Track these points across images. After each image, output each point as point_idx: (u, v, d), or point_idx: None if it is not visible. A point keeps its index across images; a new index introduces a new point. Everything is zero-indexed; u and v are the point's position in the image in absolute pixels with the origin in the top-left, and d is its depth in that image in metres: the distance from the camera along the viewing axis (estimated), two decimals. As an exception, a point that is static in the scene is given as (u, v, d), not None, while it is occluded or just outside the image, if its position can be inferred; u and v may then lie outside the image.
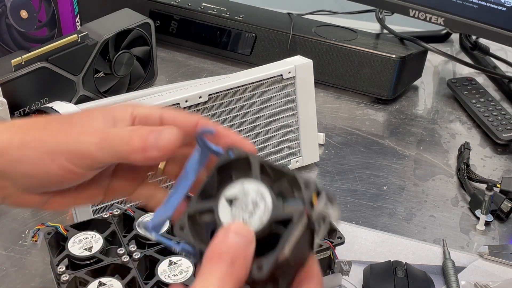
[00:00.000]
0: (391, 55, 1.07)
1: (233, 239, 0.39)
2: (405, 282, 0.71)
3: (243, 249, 0.39)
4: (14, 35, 0.99)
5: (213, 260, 0.38)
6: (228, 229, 0.39)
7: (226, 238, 0.39)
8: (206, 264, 0.39)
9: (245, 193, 0.41)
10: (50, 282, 0.73)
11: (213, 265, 0.38)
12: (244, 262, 0.39)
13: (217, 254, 0.39)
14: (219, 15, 1.16)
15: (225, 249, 0.39)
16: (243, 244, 0.39)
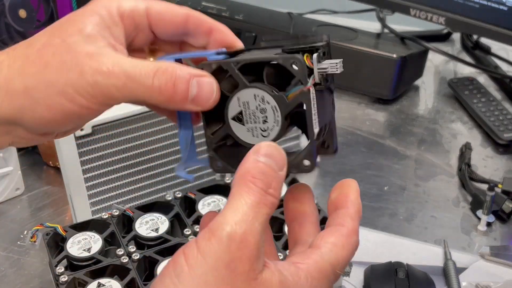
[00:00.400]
0: (392, 54, 1.06)
1: (265, 162, 0.38)
2: (406, 283, 0.70)
3: (276, 174, 0.38)
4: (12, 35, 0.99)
5: (245, 187, 0.37)
6: (258, 150, 0.38)
7: (257, 162, 0.38)
8: (237, 191, 0.37)
9: (246, 104, 0.41)
10: (49, 283, 0.73)
11: (244, 193, 0.37)
12: (278, 188, 0.38)
13: (249, 180, 0.37)
14: (219, 15, 1.16)
15: (257, 174, 0.37)
16: (276, 167, 0.38)
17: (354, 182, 0.43)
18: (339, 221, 0.41)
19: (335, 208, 0.42)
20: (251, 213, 0.36)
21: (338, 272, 0.40)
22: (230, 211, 0.36)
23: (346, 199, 0.42)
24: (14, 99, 0.40)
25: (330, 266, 0.39)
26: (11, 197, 0.85)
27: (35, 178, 0.88)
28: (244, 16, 1.16)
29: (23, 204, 0.84)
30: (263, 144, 0.38)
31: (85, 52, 0.40)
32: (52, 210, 0.83)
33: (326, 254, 0.39)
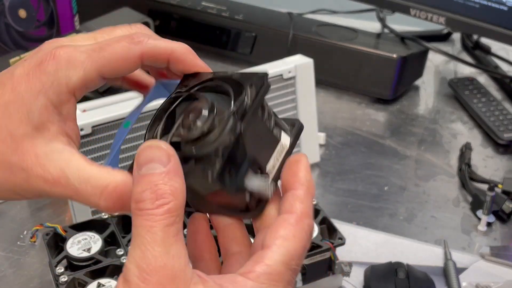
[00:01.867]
0: (392, 54, 1.06)
1: (146, 172, 0.36)
2: (406, 283, 0.70)
3: (161, 175, 0.36)
4: (12, 35, 0.99)
5: (135, 219, 0.35)
6: (137, 160, 0.37)
7: (139, 178, 0.36)
8: (133, 227, 0.35)
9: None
10: (48, 283, 0.73)
11: (137, 226, 0.35)
12: (169, 188, 0.36)
13: (136, 208, 0.35)
14: (219, 15, 1.16)
15: (141, 195, 0.35)
16: (159, 169, 0.36)
17: (302, 156, 0.41)
18: (287, 207, 0.39)
19: (284, 191, 0.40)
20: (149, 242, 0.34)
21: (296, 268, 0.37)
22: (132, 251, 0.35)
23: (293, 179, 0.40)
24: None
25: (283, 266, 0.37)
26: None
27: (35, 178, 0.88)
28: (244, 16, 1.15)
29: (23, 204, 0.84)
30: (140, 148, 0.37)
31: (32, 152, 0.39)
32: (52, 210, 0.83)
33: (276, 253, 0.37)
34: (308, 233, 0.38)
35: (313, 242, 0.69)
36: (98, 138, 0.74)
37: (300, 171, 0.40)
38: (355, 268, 0.72)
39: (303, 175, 0.40)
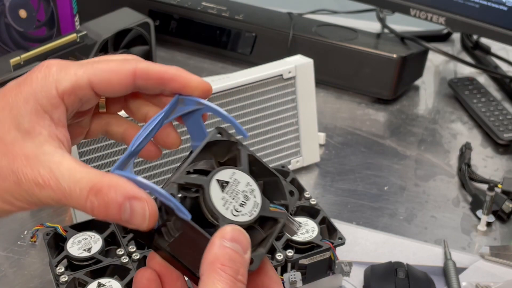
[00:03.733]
0: (392, 54, 1.06)
1: (232, 248, 0.38)
2: (406, 283, 0.70)
3: (243, 259, 0.38)
4: (13, 35, 0.99)
5: (216, 275, 0.37)
6: (224, 235, 0.38)
7: (224, 248, 0.38)
8: (209, 278, 0.37)
9: (235, 182, 0.42)
10: (49, 283, 0.73)
11: (217, 281, 0.37)
12: (245, 273, 0.38)
13: (219, 268, 0.37)
14: (219, 15, 1.16)
15: (226, 262, 0.38)
16: (242, 252, 0.38)
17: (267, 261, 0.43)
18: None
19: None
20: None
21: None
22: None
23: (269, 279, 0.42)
24: None
25: None
26: (11, 197, 0.85)
27: (35, 178, 0.88)
28: (244, 16, 1.15)
29: (23, 204, 0.84)
30: (228, 228, 0.39)
31: (22, 154, 0.39)
32: (52, 210, 0.83)
33: None
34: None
35: (313, 242, 0.69)
36: (98, 138, 0.75)
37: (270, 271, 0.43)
38: (355, 268, 0.72)
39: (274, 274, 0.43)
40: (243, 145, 0.44)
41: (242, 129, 0.44)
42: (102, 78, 0.42)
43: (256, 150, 0.87)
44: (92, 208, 0.38)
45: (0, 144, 0.39)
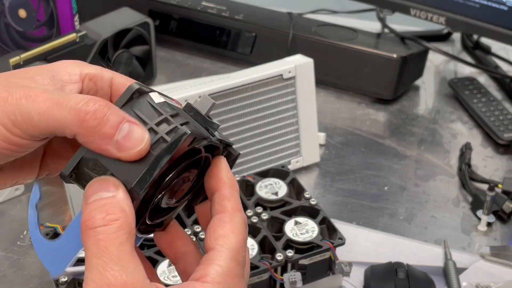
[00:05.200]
0: (392, 54, 1.06)
1: (93, 200, 0.37)
2: (406, 283, 0.70)
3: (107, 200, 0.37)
4: (12, 35, 0.99)
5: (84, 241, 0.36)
6: (85, 193, 0.38)
7: (86, 207, 0.37)
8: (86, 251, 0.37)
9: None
10: (48, 284, 0.73)
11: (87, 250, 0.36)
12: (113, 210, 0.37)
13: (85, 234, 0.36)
14: (219, 15, 1.16)
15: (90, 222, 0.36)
16: (105, 193, 0.37)
17: (220, 158, 0.42)
18: (218, 207, 0.40)
19: (211, 194, 0.41)
20: (107, 263, 0.35)
21: (242, 259, 0.39)
22: (89, 273, 0.36)
23: (216, 181, 0.41)
24: None
25: (232, 261, 0.38)
26: (11, 197, 0.85)
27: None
28: (244, 16, 1.15)
29: (23, 204, 0.84)
30: (88, 184, 0.37)
31: (21, 84, 0.38)
32: (52, 210, 0.83)
33: (222, 252, 0.38)
34: (243, 225, 0.40)
35: (313, 242, 0.69)
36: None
37: (220, 172, 0.41)
38: (355, 268, 0.72)
39: (224, 175, 0.41)
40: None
41: None
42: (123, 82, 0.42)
43: (256, 150, 0.87)
44: (87, 112, 0.36)
45: (4, 82, 0.39)
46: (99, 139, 0.37)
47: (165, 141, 0.38)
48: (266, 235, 0.70)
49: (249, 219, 0.72)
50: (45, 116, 0.37)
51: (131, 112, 0.39)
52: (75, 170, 0.39)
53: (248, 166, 0.87)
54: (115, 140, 0.37)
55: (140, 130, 0.37)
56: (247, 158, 0.87)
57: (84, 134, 0.37)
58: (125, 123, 0.37)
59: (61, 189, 0.80)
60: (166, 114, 0.39)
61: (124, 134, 0.37)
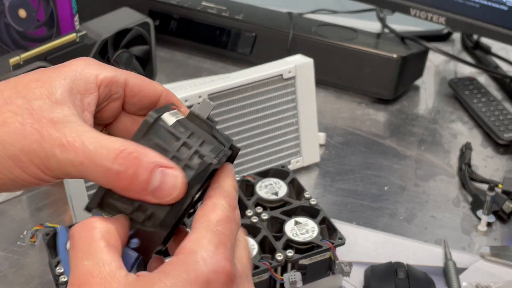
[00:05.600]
0: (392, 54, 1.06)
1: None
2: (406, 283, 0.70)
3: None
4: (12, 35, 0.99)
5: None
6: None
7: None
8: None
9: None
10: (48, 283, 0.73)
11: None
12: None
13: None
14: (219, 15, 1.16)
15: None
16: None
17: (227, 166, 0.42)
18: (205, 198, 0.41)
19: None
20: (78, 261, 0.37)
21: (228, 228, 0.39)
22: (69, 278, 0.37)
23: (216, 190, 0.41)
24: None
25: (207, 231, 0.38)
26: (11, 197, 0.85)
27: (35, 178, 0.88)
28: (244, 16, 1.15)
29: (22, 204, 0.84)
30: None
31: (49, 118, 0.38)
32: (52, 210, 0.83)
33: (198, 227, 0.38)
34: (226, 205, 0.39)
35: (313, 242, 0.69)
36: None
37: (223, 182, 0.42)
38: (355, 268, 0.72)
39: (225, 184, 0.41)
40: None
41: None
42: (137, 83, 0.43)
43: (256, 150, 0.87)
44: (119, 171, 0.37)
45: (27, 107, 0.38)
46: (134, 193, 0.38)
47: (191, 168, 0.39)
48: (266, 235, 0.70)
49: (249, 219, 0.72)
50: (79, 168, 0.38)
51: (152, 142, 0.40)
52: (100, 201, 0.40)
53: (248, 166, 0.87)
54: (150, 189, 0.38)
55: (173, 175, 0.38)
56: (247, 158, 0.87)
57: (120, 189, 0.38)
58: (157, 170, 0.38)
59: (61, 189, 0.80)
60: (183, 137, 0.40)
61: (158, 182, 0.37)
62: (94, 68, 0.42)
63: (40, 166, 0.38)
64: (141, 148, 0.38)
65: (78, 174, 0.38)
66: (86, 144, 0.37)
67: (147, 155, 0.38)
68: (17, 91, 0.39)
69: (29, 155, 0.37)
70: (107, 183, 0.38)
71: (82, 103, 0.40)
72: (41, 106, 0.38)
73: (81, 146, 0.37)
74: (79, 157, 0.37)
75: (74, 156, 0.37)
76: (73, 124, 0.38)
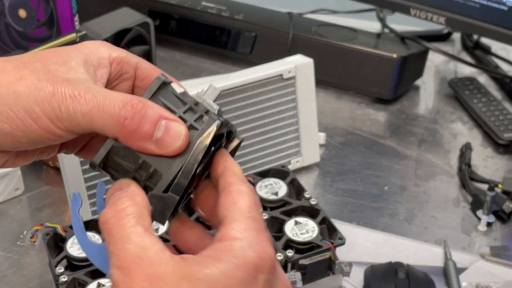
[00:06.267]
0: (392, 54, 1.06)
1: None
2: (406, 283, 0.70)
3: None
4: (12, 35, 0.99)
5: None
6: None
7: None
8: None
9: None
10: (48, 283, 0.73)
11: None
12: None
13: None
14: (219, 14, 1.16)
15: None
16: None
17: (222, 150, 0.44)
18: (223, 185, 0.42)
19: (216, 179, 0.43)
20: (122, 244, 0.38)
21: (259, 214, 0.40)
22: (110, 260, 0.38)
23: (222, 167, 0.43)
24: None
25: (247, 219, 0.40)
26: (11, 197, 0.85)
27: (35, 178, 0.88)
28: (244, 16, 1.15)
29: (22, 204, 0.84)
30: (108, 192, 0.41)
31: (63, 77, 0.40)
32: (52, 210, 0.83)
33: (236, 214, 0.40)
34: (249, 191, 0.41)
35: (313, 242, 0.69)
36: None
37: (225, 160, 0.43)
38: (355, 268, 0.72)
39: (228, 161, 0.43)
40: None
41: None
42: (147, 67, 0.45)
43: (256, 150, 0.87)
44: (126, 117, 0.39)
45: (43, 67, 0.41)
46: (139, 140, 0.40)
47: (194, 128, 0.41)
48: (266, 235, 0.70)
49: (249, 219, 0.71)
50: (88, 118, 0.39)
51: (159, 102, 0.42)
52: (105, 159, 0.41)
53: (248, 166, 0.87)
54: (154, 139, 0.39)
55: (177, 126, 0.40)
56: (247, 158, 0.87)
57: (125, 137, 0.40)
58: (162, 121, 0.40)
59: (61, 189, 0.80)
60: (190, 103, 0.42)
61: (162, 132, 0.39)
62: (108, 47, 0.44)
63: (51, 117, 0.39)
64: (148, 102, 0.40)
65: (87, 123, 0.40)
66: (96, 95, 0.40)
67: (153, 107, 0.40)
68: (35, 58, 0.42)
69: (42, 106, 0.39)
70: (113, 130, 0.40)
71: (95, 74, 0.43)
72: (57, 69, 0.41)
73: (91, 97, 0.39)
74: (89, 106, 0.39)
75: (84, 106, 0.39)
76: (86, 82, 0.41)
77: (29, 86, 0.39)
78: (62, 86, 0.40)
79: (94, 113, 0.39)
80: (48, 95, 0.39)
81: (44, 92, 0.39)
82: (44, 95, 0.39)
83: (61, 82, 0.40)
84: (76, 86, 0.40)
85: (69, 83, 0.40)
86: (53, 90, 0.39)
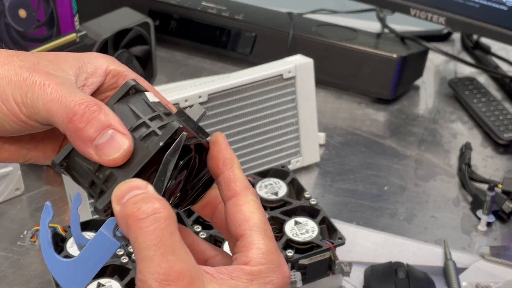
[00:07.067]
0: (392, 54, 1.06)
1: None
2: (406, 283, 0.70)
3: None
4: (12, 35, 0.99)
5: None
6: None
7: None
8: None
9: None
10: (48, 283, 0.73)
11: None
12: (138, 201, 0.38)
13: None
14: (219, 14, 1.16)
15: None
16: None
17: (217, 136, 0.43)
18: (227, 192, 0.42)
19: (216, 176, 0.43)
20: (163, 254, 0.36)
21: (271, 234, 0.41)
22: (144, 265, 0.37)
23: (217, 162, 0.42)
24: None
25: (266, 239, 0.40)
26: (11, 197, 0.85)
27: (35, 178, 0.88)
28: (244, 16, 1.15)
29: (23, 204, 0.84)
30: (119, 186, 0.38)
31: (45, 71, 0.41)
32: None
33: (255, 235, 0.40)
34: (257, 201, 0.41)
35: (313, 242, 0.69)
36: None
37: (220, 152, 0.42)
38: (355, 268, 0.72)
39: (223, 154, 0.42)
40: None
41: None
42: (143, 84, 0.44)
43: (256, 150, 0.87)
44: (75, 113, 0.38)
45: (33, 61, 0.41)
46: (81, 140, 0.39)
47: (156, 134, 0.39)
48: (266, 235, 0.70)
49: (249, 219, 0.72)
50: (47, 107, 0.39)
51: (126, 106, 0.41)
52: (66, 159, 0.41)
53: (248, 166, 0.87)
54: (94, 144, 0.38)
55: (122, 139, 0.39)
56: (247, 158, 0.87)
57: (70, 133, 0.39)
58: (110, 130, 0.39)
59: (61, 189, 0.80)
60: (160, 112, 0.41)
61: (105, 140, 0.38)
62: (109, 60, 0.44)
63: (17, 101, 0.40)
64: (108, 109, 0.40)
65: (45, 113, 0.39)
66: (63, 89, 0.40)
67: (108, 114, 0.39)
68: (33, 54, 0.43)
69: (12, 89, 0.40)
70: (62, 124, 0.39)
71: (85, 80, 0.43)
72: (46, 65, 0.41)
73: (57, 89, 0.39)
74: (51, 97, 0.39)
75: (47, 95, 0.39)
76: (65, 79, 0.41)
77: (9, 69, 0.40)
78: (37, 75, 0.40)
79: (53, 103, 0.39)
80: (21, 80, 0.40)
81: (19, 77, 0.40)
82: (18, 79, 0.40)
83: (40, 73, 0.40)
84: (51, 78, 0.40)
85: (47, 75, 0.40)
86: (27, 76, 0.40)
